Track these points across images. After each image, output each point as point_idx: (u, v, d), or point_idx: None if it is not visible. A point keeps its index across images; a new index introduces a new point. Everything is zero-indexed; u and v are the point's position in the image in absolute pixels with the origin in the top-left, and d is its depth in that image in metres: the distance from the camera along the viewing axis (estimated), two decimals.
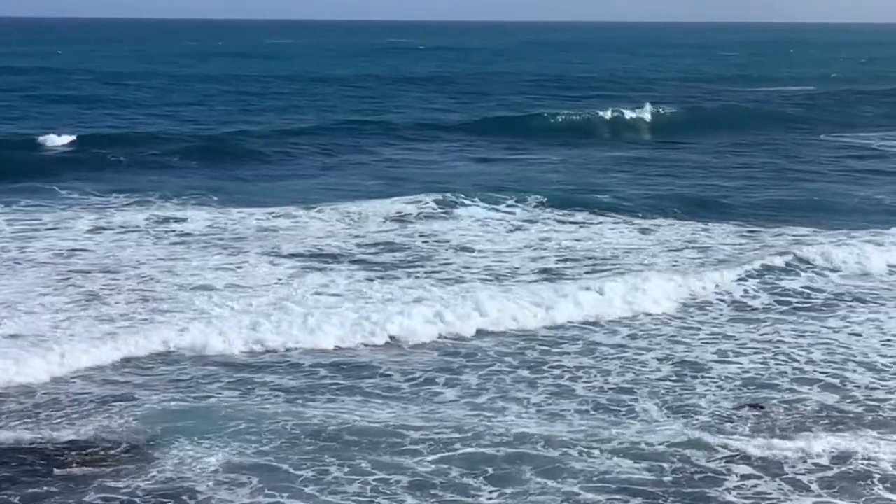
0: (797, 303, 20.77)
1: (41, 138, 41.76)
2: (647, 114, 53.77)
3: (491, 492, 12.44)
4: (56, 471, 12.73)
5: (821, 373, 16.71)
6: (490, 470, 12.92)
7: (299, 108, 59.51)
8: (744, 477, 12.83)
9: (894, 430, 14.31)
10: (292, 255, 23.84)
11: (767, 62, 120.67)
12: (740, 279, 21.95)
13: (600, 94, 71.62)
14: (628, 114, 53.66)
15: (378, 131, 48.22)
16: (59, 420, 14.30)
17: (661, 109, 55.21)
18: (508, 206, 29.26)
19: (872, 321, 19.57)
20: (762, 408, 15.03)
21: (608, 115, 53.21)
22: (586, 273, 22.55)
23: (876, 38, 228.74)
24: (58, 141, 41.59)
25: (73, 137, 42.15)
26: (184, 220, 27.41)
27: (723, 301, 20.73)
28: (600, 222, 28.03)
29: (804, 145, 46.08)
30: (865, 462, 13.20)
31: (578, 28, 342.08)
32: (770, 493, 12.47)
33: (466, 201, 29.58)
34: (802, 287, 21.64)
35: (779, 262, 23.40)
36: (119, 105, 60.35)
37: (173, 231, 26.24)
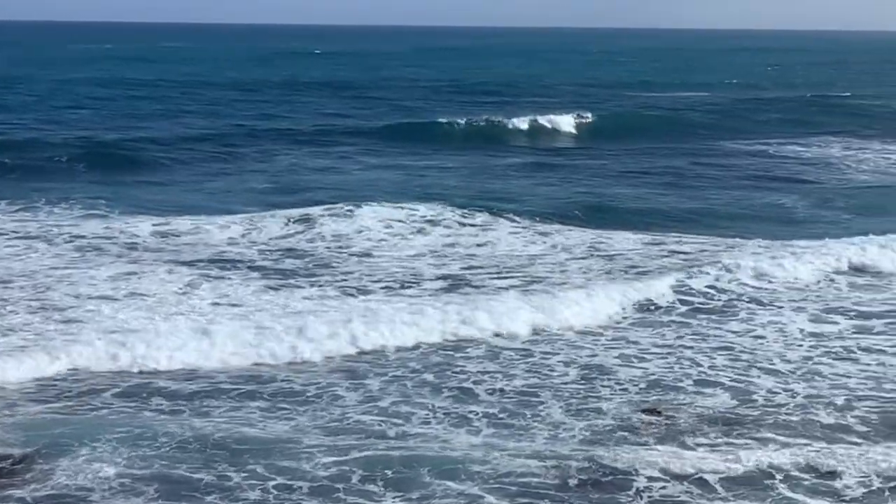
0: (701, 307, 21.13)
1: None
2: (547, 121, 54.26)
3: (394, 497, 12.58)
4: None
5: (724, 376, 17.08)
6: (390, 473, 13.06)
7: (193, 113, 59.00)
8: (650, 479, 13.07)
9: (795, 433, 14.71)
10: (191, 263, 23.71)
11: (666, 68, 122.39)
12: (646, 284, 22.31)
13: (500, 99, 72.07)
14: (529, 120, 54.11)
15: (275, 137, 48.05)
16: None
17: (562, 115, 55.72)
18: (410, 211, 29.36)
19: (774, 324, 20.08)
20: (660, 413, 15.30)
21: (509, 121, 53.59)
22: (490, 278, 22.80)
23: (774, 45, 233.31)
24: None
25: None
26: (75, 227, 27.07)
27: (630, 306, 20.99)
28: (503, 227, 28.26)
29: (706, 152, 46.76)
30: (768, 464, 13.52)
31: (476, 34, 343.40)
32: (676, 496, 12.73)
33: (368, 207, 29.64)
34: (706, 291, 21.99)
35: (681, 267, 23.87)
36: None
37: (65, 239, 25.91)
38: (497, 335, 18.97)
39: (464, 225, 28.36)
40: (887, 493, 12.86)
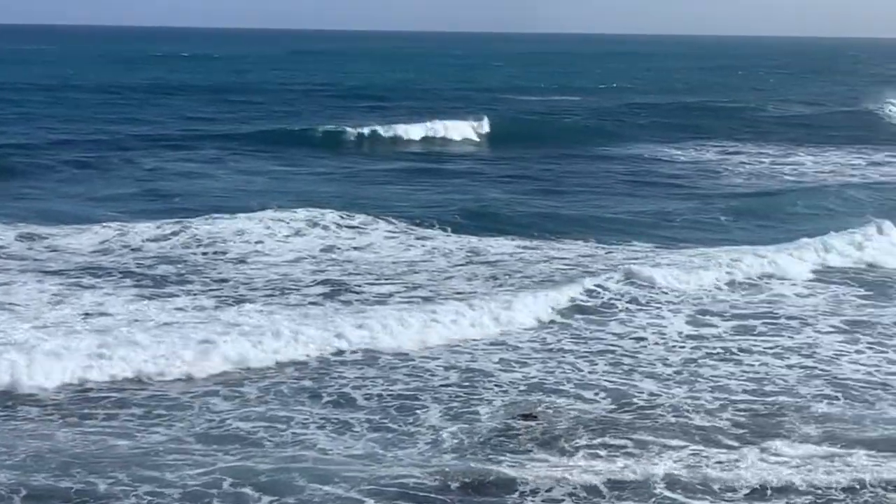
0: (580, 310, 21.42)
1: None
2: (420, 127, 54.34)
3: (269, 501, 12.71)
4: None
5: (605, 380, 17.44)
6: (263, 479, 13.16)
7: (56, 118, 57.98)
8: (528, 484, 13.28)
9: (673, 434, 15.10)
10: (59, 273, 23.39)
11: (544, 72, 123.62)
12: (527, 289, 22.64)
13: (376, 104, 72.19)
14: (403, 126, 54.26)
15: (142, 142, 47.57)
16: None
17: (437, 121, 55.93)
18: (285, 217, 29.34)
19: (655, 326, 20.58)
20: (536, 417, 15.53)
21: (383, 127, 53.63)
22: (367, 284, 22.98)
23: (656, 50, 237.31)
24: None
25: None
26: None
27: (514, 311, 21.10)
28: (381, 232, 28.40)
29: (584, 157, 47.44)
30: (647, 468, 13.87)
31: (351, 37, 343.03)
32: (557, 500, 12.99)
33: (242, 213, 29.57)
34: (584, 296, 22.31)
35: (562, 271, 24.32)
36: None
37: None
38: (378, 344, 19.05)
39: (342, 227, 28.48)
40: (770, 492, 13.27)
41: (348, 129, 52.70)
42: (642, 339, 19.80)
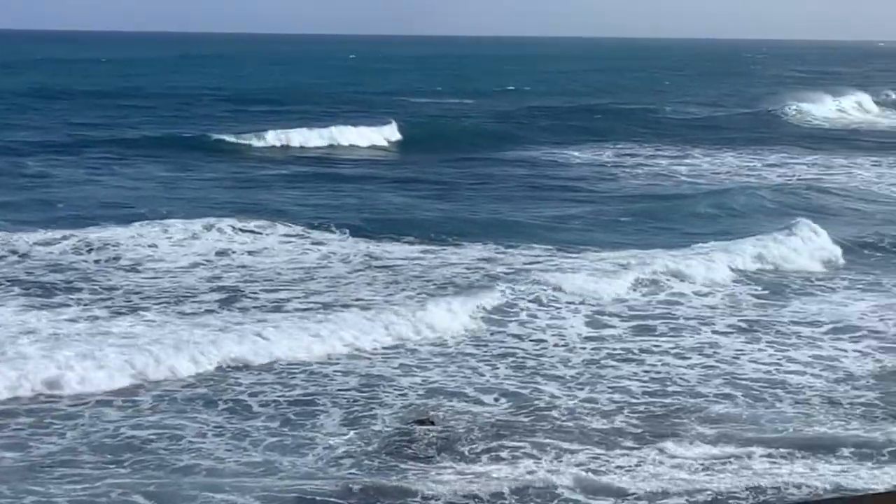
0: (482, 315, 21.52)
1: None
2: (318, 132, 54.08)
3: None
4: None
5: (507, 383, 17.63)
6: (153, 488, 13.14)
7: None
8: (425, 490, 13.38)
9: (574, 437, 15.31)
10: None
11: (440, 76, 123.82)
12: (428, 294, 22.79)
13: (271, 109, 71.71)
14: (300, 130, 54.00)
15: (26, 147, 46.79)
16: None
17: (338, 127, 55.68)
18: (179, 222, 29.10)
19: (555, 328, 20.85)
20: (433, 422, 15.65)
21: (279, 132, 53.21)
22: (262, 291, 22.94)
23: (553, 52, 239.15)
24: None
25: None
26: None
27: (415, 316, 21.10)
28: (276, 238, 28.34)
29: (481, 160, 47.60)
30: (550, 470, 14.05)
31: (242, 40, 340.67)
32: None
33: (133, 219, 29.30)
34: (486, 300, 22.44)
35: (461, 275, 24.50)
36: None
37: None
38: (275, 352, 18.99)
39: (237, 232, 28.38)
40: (670, 494, 13.50)
41: (243, 133, 52.34)
42: (543, 341, 20.08)
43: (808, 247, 27.41)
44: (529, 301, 22.37)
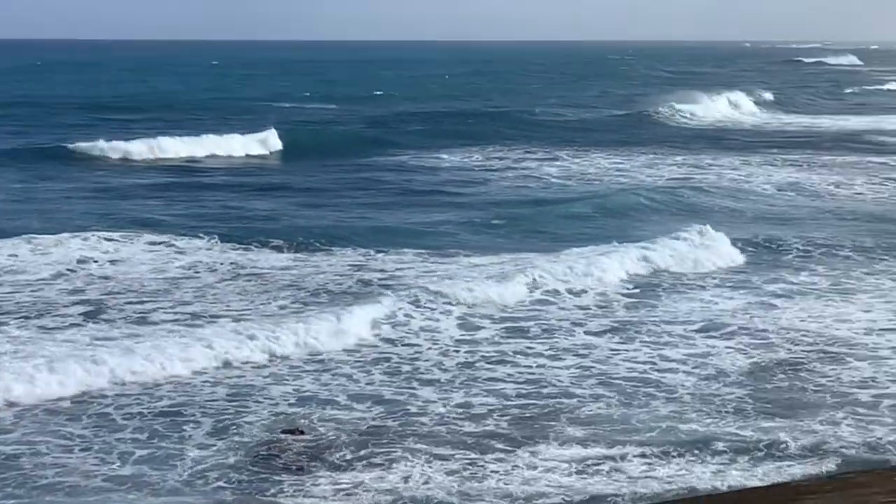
0: (359, 320, 21.38)
1: None
2: (183, 140, 53.42)
3: None
4: None
5: (382, 388, 17.75)
6: None
7: None
8: (298, 500, 13.47)
9: (446, 441, 15.47)
10: None
11: (306, 81, 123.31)
12: (299, 302, 22.78)
13: (131, 117, 70.68)
14: (163, 139, 53.24)
15: None
16: None
17: (197, 133, 55.13)
18: (36, 236, 28.60)
19: (430, 332, 21.04)
20: (302, 432, 15.68)
21: (141, 140, 52.37)
22: (127, 303, 22.71)
23: (411, 56, 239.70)
24: None
25: None
26: None
27: (285, 324, 21.05)
28: (139, 247, 28.07)
29: (353, 166, 47.49)
30: (422, 476, 14.22)
31: (98, 47, 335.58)
32: None
33: None
34: (361, 306, 22.35)
35: (338, 281, 24.60)
36: None
37: None
38: (141, 363, 18.78)
39: (101, 241, 28.05)
40: (543, 496, 13.75)
41: (102, 142, 51.51)
42: (417, 345, 20.22)
43: (684, 246, 27.90)
44: (403, 306, 22.41)
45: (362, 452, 14.98)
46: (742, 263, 27.38)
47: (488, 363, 19.19)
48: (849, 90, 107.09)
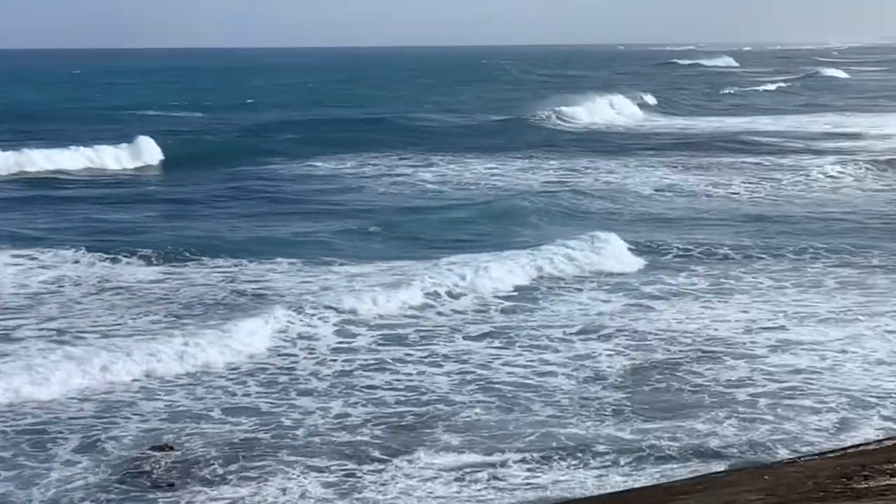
0: (232, 333, 21.21)
1: None
2: (41, 153, 52.36)
3: None
4: None
5: (258, 401, 17.73)
6: None
7: None
8: None
9: (322, 452, 15.51)
10: None
11: (172, 90, 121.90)
12: (172, 315, 22.64)
13: None
14: (23, 152, 52.14)
15: None
16: None
17: (60, 145, 54.01)
18: None
19: (305, 338, 21.08)
20: (172, 448, 15.58)
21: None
22: None
23: (276, 63, 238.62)
24: None
25: None
26: None
27: (157, 338, 20.85)
28: (2, 263, 27.60)
29: (225, 177, 47.08)
30: (299, 490, 14.24)
31: None
32: None
33: None
34: (237, 318, 22.22)
35: (211, 293, 24.55)
36: None
37: None
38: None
39: None
40: None
41: None
42: (294, 355, 20.22)
43: (563, 249, 28.16)
44: (278, 316, 22.32)
45: (233, 467, 14.95)
46: (635, 267, 27.59)
47: (366, 371, 19.28)
48: (725, 91, 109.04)
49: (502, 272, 26.16)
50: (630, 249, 28.83)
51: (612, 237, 29.07)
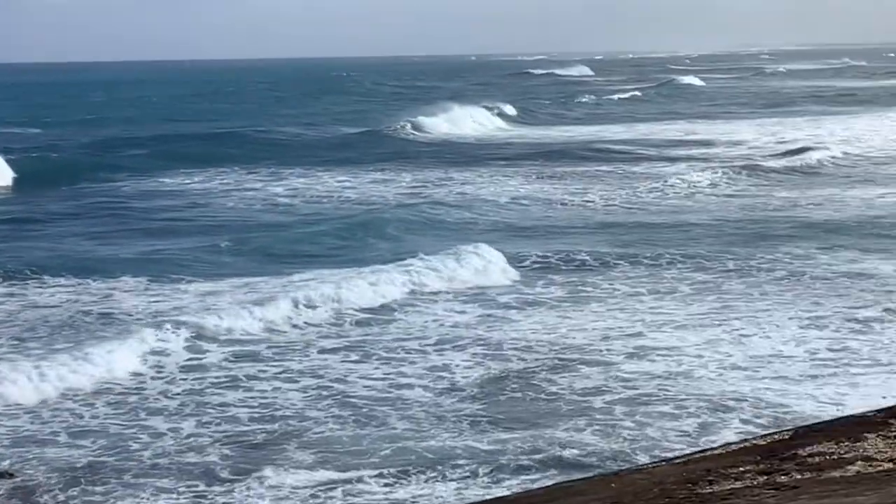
0: (77, 353, 20.91)
1: None
2: None
3: None
4: None
5: (107, 422, 17.58)
6: None
7: None
8: None
9: (171, 473, 15.43)
10: None
11: (8, 106, 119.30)
12: (19, 339, 22.33)
13: None
14: None
15: None
16: None
17: None
18: None
19: (155, 355, 20.92)
20: (12, 475, 15.37)
21: None
22: None
23: (118, 77, 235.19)
24: None
25: None
26: None
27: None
28: None
29: (69, 194, 46.25)
30: None
31: None
32: None
33: None
34: (82, 339, 22.05)
35: (55, 314, 24.26)
36: None
37: None
38: None
39: None
40: None
41: None
42: (141, 374, 20.07)
43: (421, 262, 28.23)
44: (126, 336, 22.12)
45: (74, 491, 14.84)
46: (493, 276, 27.73)
47: (218, 389, 19.21)
48: (580, 100, 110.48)
49: (358, 285, 26.10)
50: (489, 259, 29.09)
51: (483, 247, 29.28)
